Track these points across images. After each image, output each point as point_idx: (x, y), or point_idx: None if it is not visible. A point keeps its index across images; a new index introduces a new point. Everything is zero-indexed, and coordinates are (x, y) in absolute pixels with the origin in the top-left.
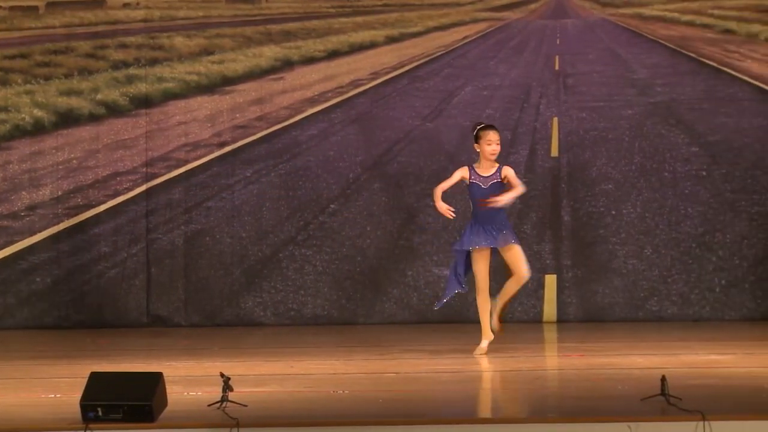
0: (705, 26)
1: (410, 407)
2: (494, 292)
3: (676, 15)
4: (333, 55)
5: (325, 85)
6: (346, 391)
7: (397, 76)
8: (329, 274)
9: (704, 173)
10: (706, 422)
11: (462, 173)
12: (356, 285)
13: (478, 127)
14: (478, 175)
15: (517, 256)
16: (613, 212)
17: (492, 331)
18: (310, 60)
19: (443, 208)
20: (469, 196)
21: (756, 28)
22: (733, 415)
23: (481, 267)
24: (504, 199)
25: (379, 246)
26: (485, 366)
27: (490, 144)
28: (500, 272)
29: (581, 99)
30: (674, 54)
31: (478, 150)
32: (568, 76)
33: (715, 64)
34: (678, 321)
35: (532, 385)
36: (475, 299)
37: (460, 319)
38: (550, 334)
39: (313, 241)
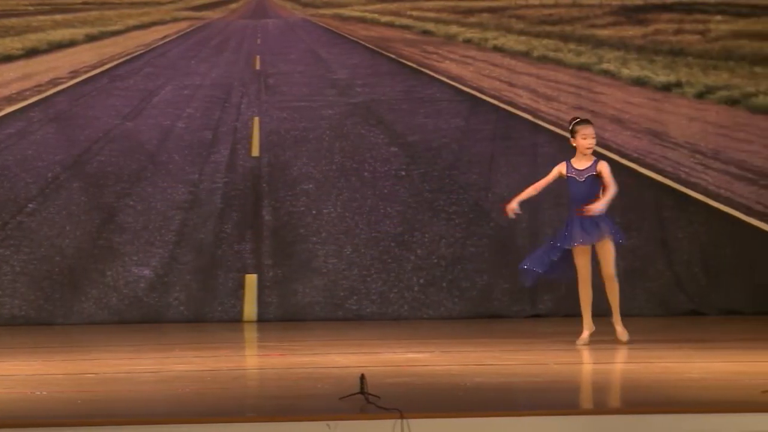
0: (404, 27)
1: (110, 407)
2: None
3: (375, 16)
4: (31, 53)
5: (23, 83)
6: (45, 392)
7: (96, 75)
8: (27, 274)
9: (403, 173)
10: (404, 420)
11: (560, 168)
12: (55, 285)
13: (574, 122)
14: (574, 168)
15: (606, 253)
16: (314, 212)
17: (618, 338)
18: (7, 58)
19: (511, 207)
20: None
21: (454, 29)
22: (430, 413)
23: (582, 261)
24: (598, 208)
25: (78, 246)
26: (186, 366)
27: (586, 138)
28: None
29: (282, 99)
30: (374, 55)
31: (574, 145)
32: (269, 76)
33: (414, 65)
34: (377, 320)
35: (232, 384)
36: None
37: (160, 319)
38: (251, 333)
39: (11, 241)
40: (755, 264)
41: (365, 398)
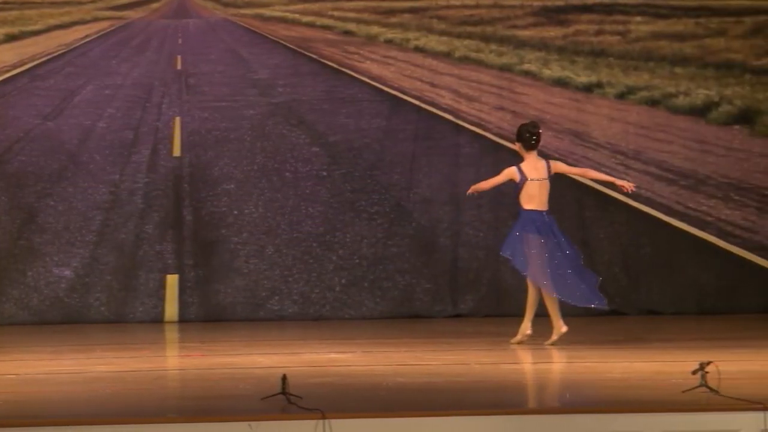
0: (325, 27)
1: (30, 408)
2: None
3: (296, 16)
4: None
5: None
6: None
7: (17, 75)
8: None
9: (325, 173)
10: (326, 420)
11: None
12: None
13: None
14: None
15: None
16: (236, 212)
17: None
18: None
19: None
20: None
21: (375, 29)
22: (352, 413)
23: None
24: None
25: None
26: (107, 367)
27: None
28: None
29: (203, 99)
30: (296, 55)
31: None
32: (190, 75)
33: (335, 65)
34: (299, 320)
35: (153, 385)
36: None
37: (81, 320)
38: (172, 334)
39: None
40: (675, 264)
41: (287, 399)
